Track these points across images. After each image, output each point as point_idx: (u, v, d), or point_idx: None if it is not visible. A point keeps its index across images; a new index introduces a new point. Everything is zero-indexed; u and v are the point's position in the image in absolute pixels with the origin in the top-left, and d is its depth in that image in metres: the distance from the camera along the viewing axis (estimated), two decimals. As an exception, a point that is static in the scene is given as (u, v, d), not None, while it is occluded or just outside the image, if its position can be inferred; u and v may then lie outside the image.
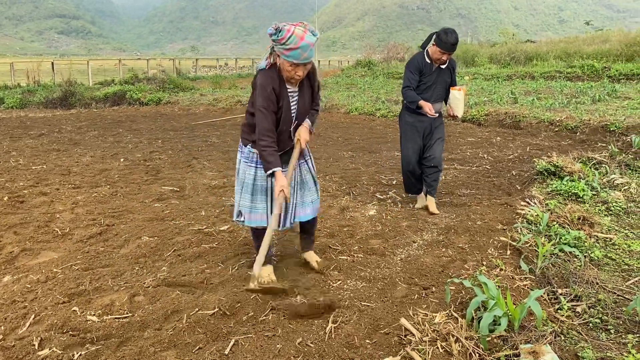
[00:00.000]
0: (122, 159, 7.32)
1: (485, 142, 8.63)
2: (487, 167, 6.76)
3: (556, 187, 4.99)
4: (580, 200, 4.76)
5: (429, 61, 4.51)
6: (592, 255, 3.56)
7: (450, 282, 3.09)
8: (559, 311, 2.79)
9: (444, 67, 4.55)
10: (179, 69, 29.51)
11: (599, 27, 43.78)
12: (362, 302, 2.93)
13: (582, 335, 2.55)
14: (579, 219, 4.11)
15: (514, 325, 2.53)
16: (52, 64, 22.56)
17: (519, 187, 5.58)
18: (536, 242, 3.60)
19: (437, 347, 2.39)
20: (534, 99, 12.09)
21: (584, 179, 5.17)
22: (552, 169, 5.48)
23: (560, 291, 3.02)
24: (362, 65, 27.59)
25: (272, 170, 2.85)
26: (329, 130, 10.26)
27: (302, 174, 3.23)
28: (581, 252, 3.52)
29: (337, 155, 7.72)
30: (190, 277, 3.29)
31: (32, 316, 2.78)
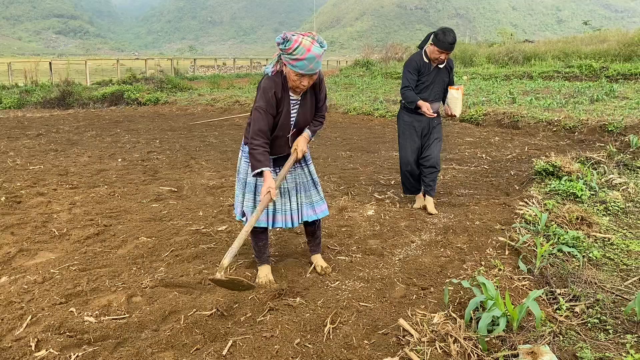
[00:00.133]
0: (119, 159, 7.31)
1: (483, 142, 8.64)
2: (485, 167, 6.76)
3: (554, 187, 4.99)
4: (578, 200, 4.76)
5: (427, 61, 4.51)
6: (591, 255, 3.56)
7: (448, 283, 3.09)
8: (558, 311, 2.79)
9: (442, 66, 4.55)
10: (177, 69, 29.48)
11: (597, 27, 43.79)
12: (361, 303, 2.92)
13: (580, 335, 2.55)
14: (577, 218, 4.11)
15: (513, 325, 2.53)
16: (50, 63, 22.50)
17: (518, 187, 5.58)
18: (535, 242, 3.60)
19: (436, 348, 2.39)
20: (532, 99, 12.10)
21: (582, 179, 5.18)
22: (551, 168, 5.48)
23: (558, 291, 3.01)
24: (361, 65, 27.57)
25: (261, 169, 2.84)
26: (327, 130, 10.25)
27: (303, 177, 3.26)
28: (580, 252, 3.52)
29: (335, 155, 7.72)
30: (187, 278, 3.28)
31: (29, 317, 2.77)
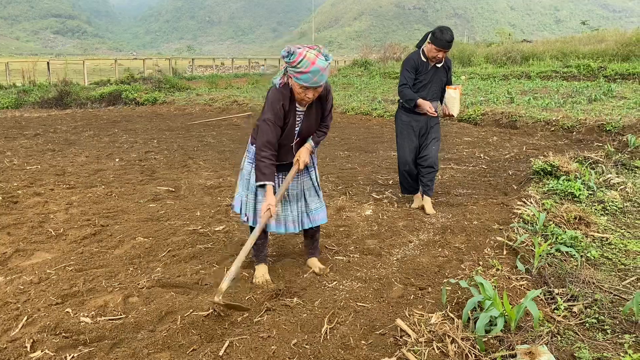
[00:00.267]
0: (117, 159, 7.29)
1: (481, 142, 8.63)
2: (483, 166, 6.76)
3: (552, 187, 4.99)
4: (576, 199, 4.76)
5: (425, 60, 4.51)
6: (589, 255, 3.55)
7: (446, 283, 3.08)
8: (556, 311, 2.78)
9: (439, 65, 4.54)
10: (175, 69, 29.44)
11: (595, 27, 43.92)
12: (358, 303, 2.91)
13: (578, 335, 2.54)
14: (575, 218, 4.10)
15: (511, 325, 2.52)
16: (48, 63, 22.42)
17: (516, 187, 5.58)
18: (532, 242, 3.59)
19: (433, 348, 2.38)
20: (530, 99, 12.10)
21: (580, 179, 5.17)
22: (549, 168, 5.48)
23: (556, 291, 3.01)
24: (359, 65, 27.59)
25: (264, 183, 2.89)
26: (325, 130, 10.22)
27: (308, 184, 3.30)
28: (577, 252, 3.51)
29: (333, 155, 7.71)
30: (184, 278, 3.27)
31: (25, 318, 2.75)
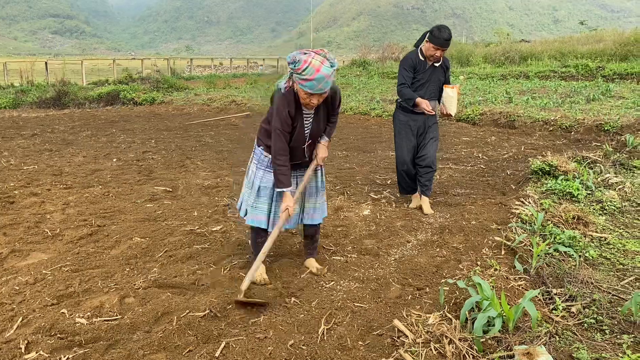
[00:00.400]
0: (114, 159, 7.26)
1: (480, 142, 8.63)
2: (481, 166, 6.75)
3: (551, 187, 4.98)
4: (574, 199, 4.75)
5: (423, 59, 4.50)
6: (587, 255, 3.55)
7: (444, 283, 3.07)
8: (554, 311, 2.77)
9: (437, 65, 4.53)
10: (174, 69, 29.41)
11: (593, 27, 43.92)
12: (355, 303, 2.90)
13: (577, 335, 2.53)
14: (573, 218, 4.10)
15: (509, 326, 2.51)
16: (46, 63, 22.37)
17: (514, 187, 5.57)
18: (531, 242, 3.58)
19: (431, 349, 2.36)
20: (528, 99, 12.09)
21: (579, 178, 5.17)
22: (547, 168, 5.47)
23: (555, 291, 3.00)
24: (357, 64, 27.58)
25: (282, 190, 3.03)
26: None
27: (317, 182, 3.35)
28: (576, 252, 3.50)
29: (331, 154, 7.69)
30: (181, 279, 3.25)
31: (20, 319, 2.73)
